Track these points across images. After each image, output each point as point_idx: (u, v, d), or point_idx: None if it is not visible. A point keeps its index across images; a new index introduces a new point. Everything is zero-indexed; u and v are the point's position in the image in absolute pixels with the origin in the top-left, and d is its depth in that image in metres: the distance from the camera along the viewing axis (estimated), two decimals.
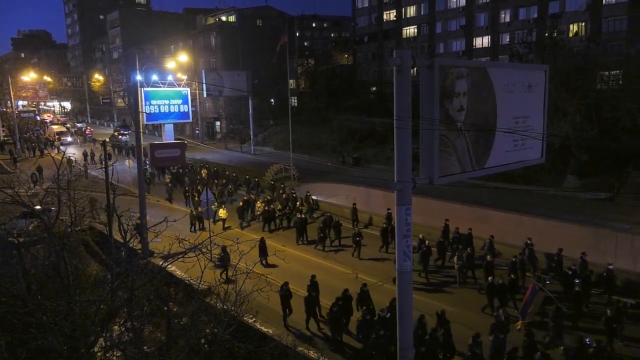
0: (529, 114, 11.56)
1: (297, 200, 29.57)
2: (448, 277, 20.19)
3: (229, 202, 31.59)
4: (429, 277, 20.01)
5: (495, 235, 22.18)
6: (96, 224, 23.76)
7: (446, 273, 20.66)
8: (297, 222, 25.42)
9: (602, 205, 28.60)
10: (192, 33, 75.67)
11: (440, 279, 20.22)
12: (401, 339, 9.81)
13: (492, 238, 20.50)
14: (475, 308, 17.15)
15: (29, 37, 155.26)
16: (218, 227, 25.46)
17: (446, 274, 20.61)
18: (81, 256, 16.76)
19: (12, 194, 11.24)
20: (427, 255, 20.19)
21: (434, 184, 9.62)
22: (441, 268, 21.11)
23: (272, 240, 23.61)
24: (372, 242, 23.91)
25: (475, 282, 19.39)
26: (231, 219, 27.57)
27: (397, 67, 8.73)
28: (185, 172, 39.95)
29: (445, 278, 20.17)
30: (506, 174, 29.44)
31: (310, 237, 24.80)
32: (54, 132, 66.62)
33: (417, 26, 63.07)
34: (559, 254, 19.02)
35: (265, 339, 13.62)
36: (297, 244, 24.46)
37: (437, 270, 20.91)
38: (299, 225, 24.99)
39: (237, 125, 64.38)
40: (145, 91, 40.62)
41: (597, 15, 46.26)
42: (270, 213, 27.02)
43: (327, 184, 34.30)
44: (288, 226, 27.38)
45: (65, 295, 9.59)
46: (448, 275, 20.31)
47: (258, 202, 29.01)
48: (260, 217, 27.54)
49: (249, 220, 28.26)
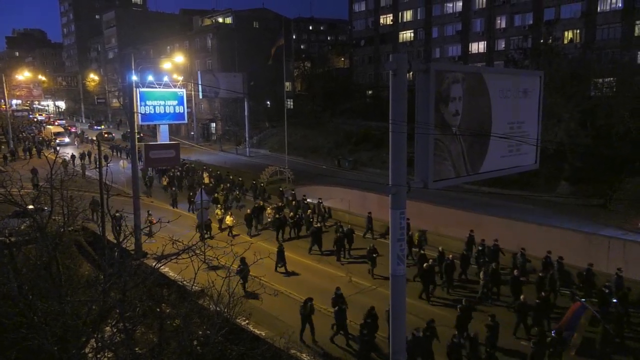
0: (523, 119, 11.62)
1: (308, 207, 28.29)
2: (474, 292, 18.80)
3: (235, 207, 30.66)
4: (451, 292, 18.99)
5: (487, 240, 22.22)
6: (89, 224, 23.62)
7: (471, 288, 19.39)
8: (313, 231, 24.05)
9: (595, 211, 28.76)
10: (188, 34, 75.58)
11: (465, 294, 18.63)
12: (393, 342, 9.80)
13: (524, 250, 19.50)
14: (507, 328, 15.39)
15: (24, 35, 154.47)
16: (224, 235, 24.35)
17: (471, 288, 19.30)
18: (73, 256, 16.65)
19: (4, 193, 11.16)
20: (451, 269, 19.03)
21: (428, 188, 9.63)
22: (466, 282, 19.83)
23: None
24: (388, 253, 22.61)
25: (498, 297, 18.20)
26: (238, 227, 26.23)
27: (394, 71, 8.75)
28: (183, 175, 39.44)
29: (471, 293, 18.71)
30: (500, 179, 29.56)
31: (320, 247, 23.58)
32: (51, 132, 65.68)
33: (413, 31, 63.31)
34: (589, 269, 17.76)
35: (257, 341, 13.57)
36: (309, 253, 23.39)
37: (462, 285, 19.68)
38: (315, 234, 23.71)
39: (233, 127, 64.30)
40: (141, 92, 40.46)
41: (592, 22, 46.63)
42: (282, 221, 25.72)
43: (322, 187, 34.30)
44: (297, 235, 26.07)
45: (56, 295, 9.52)
46: (474, 291, 18.91)
47: (268, 209, 27.95)
48: (271, 225, 26.55)
49: (261, 228, 27.11)
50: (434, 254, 20.56)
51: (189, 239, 10.77)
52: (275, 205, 28.46)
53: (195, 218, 26.19)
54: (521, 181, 32.75)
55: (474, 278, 19.60)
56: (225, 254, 11.41)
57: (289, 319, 16.51)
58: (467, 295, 18.30)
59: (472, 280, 19.77)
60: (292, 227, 26.05)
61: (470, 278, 19.89)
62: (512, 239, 21.77)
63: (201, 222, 23.39)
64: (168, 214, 24.66)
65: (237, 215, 27.46)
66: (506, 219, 24.51)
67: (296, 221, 26.19)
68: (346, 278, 20.20)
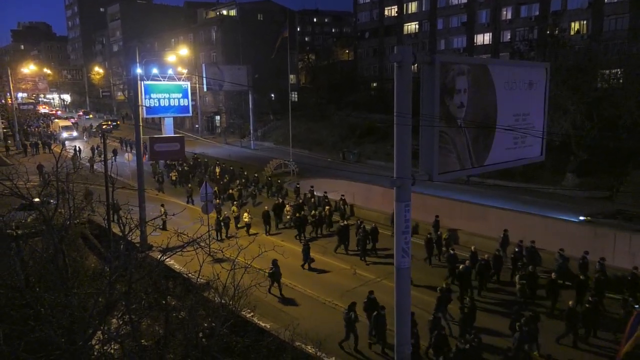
0: (529, 111, 11.55)
1: (328, 204, 27.04)
2: (510, 295, 17.58)
3: (252, 204, 29.92)
4: (483, 294, 17.90)
5: (493, 232, 22.14)
6: (95, 217, 23.72)
7: (505, 290, 18.13)
8: (339, 229, 22.88)
9: (601, 204, 28.62)
10: (192, 27, 75.41)
11: (502, 297, 17.69)
12: (398, 334, 9.83)
13: (562, 251, 18.44)
14: (547, 334, 14.51)
15: (29, 29, 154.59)
16: (242, 234, 24.23)
17: (505, 291, 18.11)
18: (79, 249, 16.78)
19: (10, 186, 11.23)
20: (486, 270, 17.95)
21: (433, 180, 9.62)
22: (502, 285, 18.61)
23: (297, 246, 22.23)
24: (415, 252, 21.11)
25: (533, 301, 16.85)
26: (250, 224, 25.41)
27: (398, 63, 8.70)
28: (191, 170, 38.59)
29: (508, 296, 17.62)
30: (506, 171, 29.45)
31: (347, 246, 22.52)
32: (59, 126, 64.74)
33: (418, 22, 62.90)
34: (634, 272, 16.72)
35: (262, 333, 13.62)
36: (335, 252, 22.35)
37: (496, 288, 18.45)
38: (342, 233, 22.52)
39: (237, 120, 64.29)
40: (145, 84, 40.44)
41: (599, 13, 46.15)
42: (302, 219, 24.59)
43: (327, 180, 34.26)
44: (320, 233, 24.99)
45: (63, 287, 9.59)
46: (510, 293, 17.68)
47: (287, 206, 26.88)
48: (291, 224, 25.61)
49: (281, 227, 26.06)
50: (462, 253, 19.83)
51: (195, 232, 10.80)
52: (295, 203, 27.43)
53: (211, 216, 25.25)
54: (526, 173, 32.63)
55: (505, 279, 18.68)
56: (229, 247, 11.42)
57: (294, 312, 16.60)
58: (503, 299, 17.39)
59: (504, 281, 18.72)
60: (314, 226, 24.97)
61: (501, 280, 18.82)
62: (517, 231, 21.69)
63: (206, 214, 23.20)
64: (177, 209, 24.74)
65: (253, 212, 26.49)
66: (510, 211, 24.40)
67: (317, 220, 25.11)
68: (350, 270, 20.23)
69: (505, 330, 14.53)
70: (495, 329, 15.17)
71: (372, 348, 14.60)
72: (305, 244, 21.14)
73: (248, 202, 30.52)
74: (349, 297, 17.69)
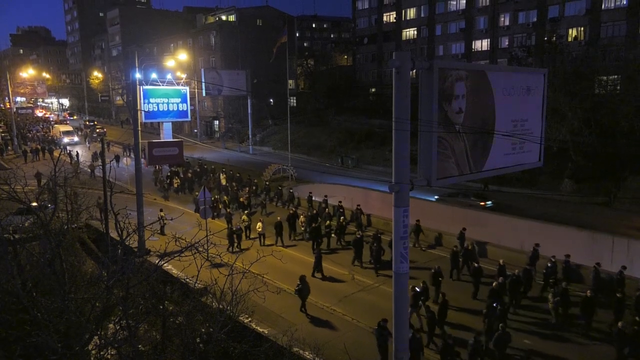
0: (527, 117, 11.57)
1: (342, 215, 26.03)
2: (543, 313, 16.56)
3: (262, 213, 29.02)
4: (519, 312, 16.81)
5: (492, 239, 22.12)
6: (92, 222, 23.67)
7: (537, 307, 17.06)
8: (354, 241, 21.73)
9: (599, 209, 28.66)
10: (192, 32, 75.61)
11: (537, 315, 16.65)
12: (396, 339, 9.79)
13: (598, 265, 17.61)
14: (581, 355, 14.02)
15: (28, 33, 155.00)
16: (255, 244, 23.84)
17: (536, 308, 17.06)
18: (77, 253, 16.71)
19: (8, 190, 11.19)
20: (517, 286, 16.84)
21: (431, 186, 9.61)
22: (533, 301, 17.54)
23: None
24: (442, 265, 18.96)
25: (566, 318, 15.86)
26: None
27: (397, 68, 8.72)
28: (197, 177, 37.57)
29: (544, 314, 16.50)
30: (504, 176, 29.51)
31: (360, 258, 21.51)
32: (60, 131, 63.96)
33: (416, 28, 63.15)
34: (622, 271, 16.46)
35: (260, 339, 13.58)
36: (353, 264, 21.24)
37: (529, 305, 17.25)
38: (357, 245, 21.41)
39: (236, 125, 64.36)
40: (144, 89, 40.53)
41: (596, 20, 46.39)
42: (317, 230, 23.47)
43: (325, 185, 34.29)
44: (338, 243, 23.98)
45: (60, 292, 9.54)
46: (542, 311, 16.68)
47: (301, 216, 25.70)
48: (307, 235, 24.54)
49: (297, 238, 25.01)
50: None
51: (193, 236, 10.78)
52: (309, 214, 26.15)
53: (223, 224, 25.15)
54: (524, 179, 32.69)
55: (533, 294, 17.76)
56: (244, 257, 11.35)
57: (291, 317, 16.55)
58: (537, 317, 16.43)
59: (533, 296, 17.71)
60: (329, 237, 23.92)
61: (529, 295, 17.76)
62: (516, 238, 21.72)
63: (204, 219, 23.12)
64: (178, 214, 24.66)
65: (265, 222, 25.11)
66: (510, 217, 24.44)
67: (332, 230, 24.21)
68: (349, 276, 20.19)
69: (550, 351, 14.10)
70: (538, 350, 14.40)
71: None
72: (318, 252, 20.52)
73: (257, 211, 29.62)
74: (347, 303, 17.70)
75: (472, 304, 17.37)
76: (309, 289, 16.93)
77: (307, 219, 24.88)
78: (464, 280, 19.37)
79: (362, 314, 16.79)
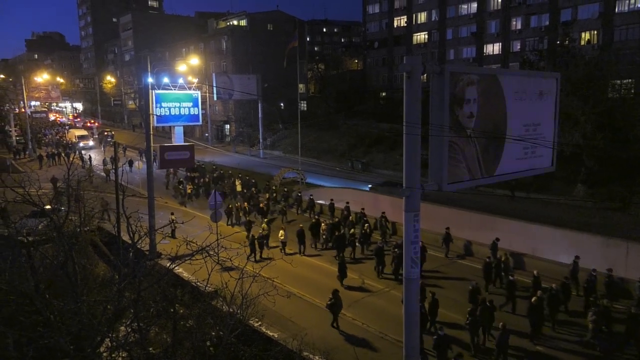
0: (539, 121, 11.49)
1: (365, 222, 24.86)
2: (583, 329, 15.21)
3: (282, 220, 28.10)
4: (557, 329, 15.64)
5: (502, 243, 21.84)
6: (105, 225, 23.89)
7: (576, 323, 15.83)
8: (376, 250, 20.81)
9: (613, 215, 28.27)
10: (203, 36, 76.22)
11: (578, 332, 15.35)
12: (407, 346, 9.74)
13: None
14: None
15: (43, 38, 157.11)
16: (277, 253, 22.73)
17: (575, 324, 15.84)
18: (89, 256, 16.85)
19: (22, 193, 11.34)
20: (556, 301, 15.61)
21: (442, 190, 9.57)
22: (571, 316, 16.30)
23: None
24: (474, 277, 18.43)
25: (611, 338, 14.70)
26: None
27: (408, 73, 8.72)
28: (214, 182, 36.77)
29: (582, 331, 15.23)
30: (516, 181, 29.21)
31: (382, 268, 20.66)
32: (75, 136, 63.86)
33: (427, 32, 63.04)
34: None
35: (270, 342, 13.58)
36: (378, 277, 20.39)
37: (567, 320, 16.07)
38: (379, 254, 20.49)
39: (246, 129, 64.66)
40: (156, 93, 40.82)
41: (610, 23, 45.97)
42: (342, 238, 22.59)
43: (335, 189, 34.26)
44: (362, 252, 23.07)
45: (72, 294, 9.64)
46: (581, 326, 15.46)
47: (323, 224, 24.75)
48: (331, 243, 23.66)
49: (320, 248, 24.16)
50: None
51: (204, 240, 10.83)
52: (330, 222, 25.35)
53: (241, 229, 24.86)
54: (536, 184, 32.41)
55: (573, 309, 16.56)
56: (237, 255, 11.37)
57: (301, 321, 16.52)
58: (579, 334, 15.17)
59: (572, 310, 16.43)
60: (354, 245, 22.95)
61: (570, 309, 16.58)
62: (527, 243, 21.48)
63: (215, 222, 23.08)
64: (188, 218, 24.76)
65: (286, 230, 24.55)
66: (521, 221, 24.15)
67: (356, 238, 23.24)
68: (359, 281, 20.11)
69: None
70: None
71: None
72: (342, 259, 20.11)
73: (277, 218, 28.94)
74: (357, 308, 17.63)
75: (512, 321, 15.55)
76: (341, 304, 16.25)
77: (329, 227, 24.24)
78: (494, 293, 17.94)
79: (372, 319, 16.73)
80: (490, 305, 14.99)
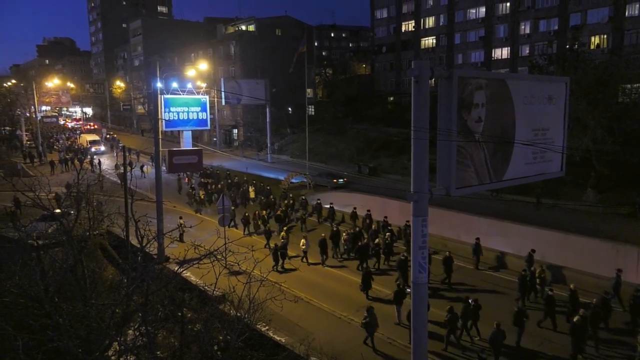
0: (548, 126, 11.40)
1: (389, 230, 24.05)
2: (629, 348, 14.41)
3: (301, 229, 27.51)
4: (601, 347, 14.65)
5: (513, 249, 21.65)
6: (113, 229, 24.01)
7: (620, 341, 14.86)
8: (399, 262, 19.90)
9: (624, 220, 27.96)
10: (212, 42, 76.69)
11: (624, 352, 14.42)
12: (415, 352, 9.67)
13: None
14: None
15: (54, 44, 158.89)
16: (296, 263, 22.50)
17: (620, 341, 14.87)
18: (98, 260, 16.97)
19: (32, 197, 11.45)
20: (597, 318, 14.73)
21: (451, 195, 9.51)
22: (613, 334, 15.30)
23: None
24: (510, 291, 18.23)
25: None
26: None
27: (416, 77, 8.69)
28: (227, 188, 36.51)
29: (629, 352, 14.29)
30: (525, 186, 28.95)
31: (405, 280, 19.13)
32: (87, 141, 63.66)
33: (435, 37, 62.99)
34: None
35: (277, 347, 13.56)
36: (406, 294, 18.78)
37: (609, 339, 15.01)
38: (402, 266, 19.44)
39: (255, 133, 64.85)
40: (165, 98, 41.15)
41: (619, 27, 45.65)
42: (364, 248, 21.86)
43: (342, 193, 34.24)
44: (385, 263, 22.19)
45: (81, 298, 9.70)
46: (625, 344, 14.67)
47: (343, 234, 24.08)
48: (350, 254, 23.27)
49: (341, 258, 23.47)
50: None
51: (211, 244, 10.85)
52: (352, 232, 24.55)
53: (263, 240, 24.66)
54: (546, 189, 32.15)
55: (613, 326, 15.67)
56: (246, 259, 11.40)
57: (309, 326, 16.49)
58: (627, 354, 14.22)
59: (614, 328, 15.49)
60: (378, 256, 22.14)
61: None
62: (538, 249, 21.28)
63: (223, 227, 23.05)
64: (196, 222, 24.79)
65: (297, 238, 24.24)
66: (532, 227, 23.98)
67: (380, 249, 22.38)
68: None
69: None
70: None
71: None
72: (367, 269, 19.87)
73: (295, 226, 28.61)
74: (364, 312, 17.53)
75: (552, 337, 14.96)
76: (377, 322, 15.36)
77: (350, 237, 23.60)
78: (530, 307, 16.88)
79: (380, 324, 16.63)
80: (475, 304, 15.41)
